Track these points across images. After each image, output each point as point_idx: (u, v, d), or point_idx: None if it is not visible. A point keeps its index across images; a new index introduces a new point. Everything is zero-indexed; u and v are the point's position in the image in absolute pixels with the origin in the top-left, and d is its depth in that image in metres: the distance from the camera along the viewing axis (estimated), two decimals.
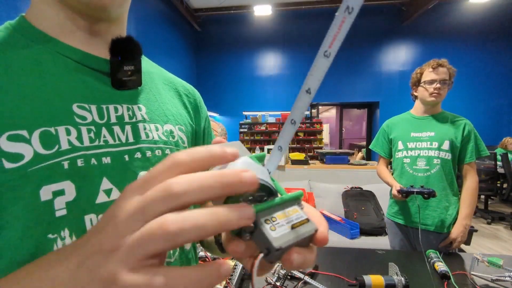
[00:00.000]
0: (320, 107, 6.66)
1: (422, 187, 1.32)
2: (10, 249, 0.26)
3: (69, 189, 0.30)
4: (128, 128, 0.37)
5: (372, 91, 6.53)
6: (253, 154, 0.23)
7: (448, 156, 1.37)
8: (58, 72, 0.33)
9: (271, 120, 5.84)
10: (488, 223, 3.78)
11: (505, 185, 3.97)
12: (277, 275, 0.92)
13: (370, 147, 1.72)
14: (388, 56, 6.43)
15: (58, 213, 0.29)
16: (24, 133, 0.28)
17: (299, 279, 0.93)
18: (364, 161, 3.52)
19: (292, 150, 5.18)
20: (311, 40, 6.64)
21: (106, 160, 0.34)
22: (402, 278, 0.85)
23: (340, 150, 4.21)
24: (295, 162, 3.46)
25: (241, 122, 5.96)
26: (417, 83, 1.45)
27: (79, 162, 0.31)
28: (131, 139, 0.37)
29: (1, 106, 0.28)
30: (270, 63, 6.88)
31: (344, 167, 3.29)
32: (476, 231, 2.38)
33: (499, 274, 0.92)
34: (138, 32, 4.31)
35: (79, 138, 0.32)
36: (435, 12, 5.97)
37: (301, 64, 6.73)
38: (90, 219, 0.31)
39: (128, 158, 0.36)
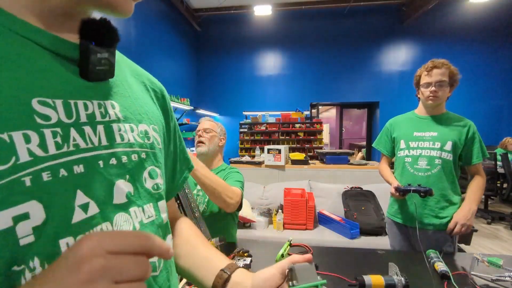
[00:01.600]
0: (320, 107, 6.65)
1: (419, 185, 1.33)
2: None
3: (35, 210, 0.24)
4: (100, 128, 0.31)
5: (372, 91, 6.52)
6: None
7: (450, 156, 1.37)
8: (11, 57, 0.25)
9: (271, 120, 5.84)
10: (488, 223, 3.77)
11: (505, 185, 3.97)
12: None
13: (373, 145, 1.72)
14: (388, 56, 6.43)
15: (23, 241, 0.23)
16: None
17: None
18: (364, 161, 3.52)
19: (292, 150, 5.18)
20: (311, 40, 6.64)
21: (79, 169, 0.28)
22: (402, 278, 0.85)
23: (340, 150, 4.21)
24: (295, 162, 3.46)
25: (241, 122, 5.96)
26: (418, 85, 1.46)
27: (45, 176, 0.25)
28: (104, 142, 0.31)
29: None
30: (270, 63, 6.88)
31: (344, 167, 3.29)
32: (476, 231, 2.39)
33: (499, 274, 0.92)
34: (138, 32, 4.30)
35: (42, 145, 0.25)
36: (435, 12, 5.96)
37: (301, 64, 6.73)
38: (67, 243, 0.26)
39: (102, 164, 0.30)
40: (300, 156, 3.53)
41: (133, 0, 0.32)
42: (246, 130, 5.79)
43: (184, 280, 0.90)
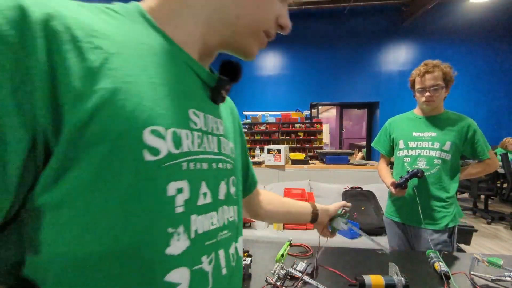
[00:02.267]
0: (320, 107, 6.66)
1: (408, 172, 1.38)
2: (132, 243, 0.27)
3: (186, 188, 0.32)
4: (215, 139, 0.40)
5: (372, 91, 6.53)
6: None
7: (449, 157, 1.37)
8: (185, 81, 0.36)
9: (271, 120, 5.84)
10: (488, 223, 3.78)
11: (505, 185, 3.97)
12: (277, 275, 0.91)
13: (372, 144, 1.73)
14: (388, 56, 6.43)
15: (177, 210, 0.31)
16: (162, 130, 0.30)
17: (299, 279, 0.93)
18: (364, 161, 3.52)
19: (292, 150, 5.18)
20: (311, 40, 6.64)
21: (205, 166, 0.36)
22: (402, 278, 0.85)
23: (340, 150, 4.21)
24: (295, 162, 3.46)
25: (241, 122, 5.96)
26: (413, 87, 1.46)
27: (191, 165, 0.33)
28: (215, 150, 0.40)
29: (146, 100, 0.29)
30: (270, 63, 6.88)
31: (344, 167, 3.29)
32: (476, 231, 2.39)
33: (499, 274, 0.92)
34: None
35: (193, 142, 0.34)
36: (435, 12, 5.97)
37: (301, 64, 6.73)
38: (194, 219, 0.33)
39: (215, 166, 0.39)
40: (300, 156, 3.53)
41: (259, 48, 0.43)
42: (246, 130, 5.79)
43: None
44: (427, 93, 1.36)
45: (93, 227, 0.26)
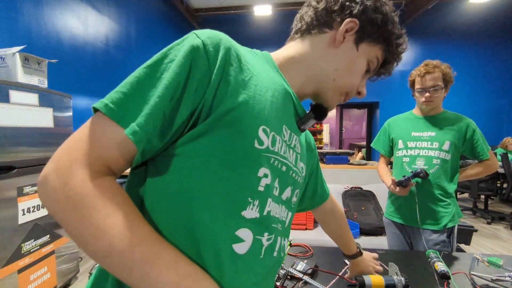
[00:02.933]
0: None
1: (411, 172, 1.36)
2: (225, 194, 0.39)
3: (269, 176, 0.43)
4: (294, 154, 0.52)
5: (372, 91, 6.52)
6: None
7: (448, 156, 1.37)
8: (286, 106, 0.49)
9: None
10: (488, 223, 3.77)
11: (505, 185, 3.97)
12: (277, 275, 0.91)
13: (371, 145, 1.73)
14: None
15: (259, 188, 0.42)
16: (268, 130, 0.42)
17: (299, 279, 0.93)
18: (364, 161, 3.52)
19: None
20: None
21: (283, 168, 0.48)
22: (402, 278, 0.85)
23: (340, 150, 4.21)
24: None
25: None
26: (412, 87, 1.45)
27: (276, 162, 0.45)
28: (292, 161, 0.51)
29: (266, 109, 0.43)
30: None
31: (344, 167, 3.29)
32: (476, 231, 2.39)
33: (499, 274, 0.92)
34: (138, 31, 4.30)
35: (280, 148, 0.46)
36: (435, 12, 5.96)
37: None
38: (270, 202, 0.44)
39: (290, 173, 0.51)
40: None
41: (337, 103, 0.56)
42: None
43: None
44: (427, 94, 1.36)
45: (205, 173, 0.38)
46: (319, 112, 0.55)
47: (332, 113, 9.68)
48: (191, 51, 0.37)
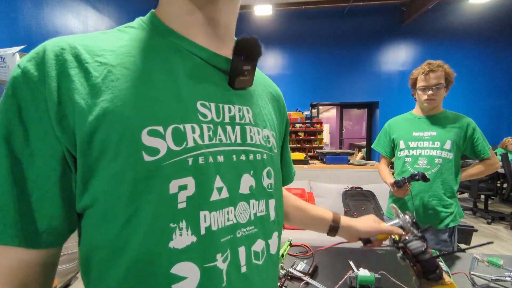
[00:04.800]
0: (320, 107, 6.65)
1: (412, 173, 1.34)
2: (139, 235, 0.30)
3: (190, 184, 0.32)
4: (237, 129, 0.38)
5: (372, 91, 6.52)
6: None
7: (450, 155, 1.37)
8: (185, 69, 0.35)
9: None
10: (488, 223, 3.77)
11: (505, 185, 3.97)
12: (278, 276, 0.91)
13: (372, 146, 1.73)
14: (388, 56, 6.43)
15: (180, 206, 0.31)
16: (160, 129, 0.31)
17: (299, 279, 0.93)
18: (364, 161, 3.52)
19: (292, 150, 5.18)
20: (311, 40, 6.64)
21: (220, 158, 0.35)
22: (407, 217, 0.72)
23: (340, 150, 4.21)
24: (295, 162, 3.46)
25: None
26: (414, 86, 1.46)
27: (200, 160, 0.33)
28: (238, 140, 0.38)
29: (142, 101, 0.31)
30: (270, 63, 6.88)
31: (344, 167, 3.29)
32: (476, 231, 2.38)
33: (499, 274, 0.92)
34: None
35: (201, 136, 0.34)
36: (435, 12, 5.96)
37: (301, 64, 6.73)
38: (204, 215, 0.33)
39: (235, 158, 0.37)
40: (300, 156, 3.53)
41: None
42: None
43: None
44: (430, 92, 1.37)
45: (109, 222, 0.30)
46: (244, 46, 0.38)
47: (332, 113, 9.69)
48: (12, 88, 0.29)
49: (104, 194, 0.29)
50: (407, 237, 0.66)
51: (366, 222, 0.69)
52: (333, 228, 0.67)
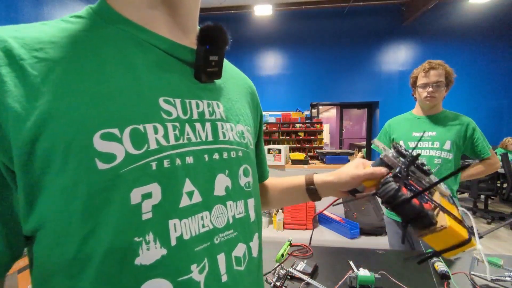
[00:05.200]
0: (320, 107, 6.65)
1: None
2: (99, 254, 0.26)
3: (156, 191, 0.28)
4: (208, 125, 0.35)
5: (372, 91, 6.52)
6: None
7: (450, 156, 1.37)
8: (145, 62, 0.31)
9: (271, 120, 5.84)
10: (488, 223, 3.77)
11: (505, 185, 3.97)
12: (277, 275, 0.92)
13: (372, 146, 1.73)
14: (388, 56, 6.43)
15: (145, 216, 0.27)
16: (116, 131, 0.27)
17: (299, 279, 0.93)
18: None
19: (292, 150, 5.18)
20: (311, 40, 6.64)
21: (189, 159, 0.32)
22: (391, 150, 0.57)
23: (340, 150, 4.21)
24: (295, 162, 3.46)
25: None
26: (414, 85, 1.47)
27: (166, 163, 0.29)
28: (210, 138, 0.35)
29: (92, 101, 0.26)
30: (270, 63, 6.88)
31: None
32: None
33: (499, 274, 0.92)
34: None
35: (166, 136, 0.30)
36: (435, 12, 5.96)
37: (301, 64, 6.73)
38: (174, 224, 0.29)
39: (207, 158, 0.34)
40: (300, 156, 3.53)
41: None
42: None
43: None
44: (430, 89, 1.37)
45: (63, 244, 0.26)
46: (209, 35, 0.35)
47: (332, 113, 9.69)
48: None
49: (54, 213, 0.25)
50: (383, 180, 0.48)
51: (345, 172, 0.54)
52: (311, 191, 0.57)
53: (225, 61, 0.45)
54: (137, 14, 0.32)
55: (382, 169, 0.52)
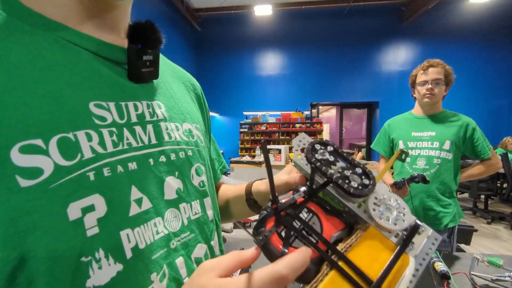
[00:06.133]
0: (320, 107, 6.65)
1: (411, 175, 1.31)
2: (40, 285, 0.22)
3: (99, 203, 0.26)
4: (150, 127, 0.33)
5: (371, 91, 6.52)
6: None
7: (449, 156, 1.37)
8: (69, 64, 0.28)
9: (271, 120, 5.84)
10: (488, 223, 3.77)
11: (505, 185, 3.97)
12: None
13: (371, 146, 1.73)
14: (388, 56, 6.43)
15: (90, 232, 0.25)
16: (39, 142, 0.23)
17: None
18: (364, 161, 3.52)
19: (292, 150, 5.17)
20: (311, 40, 6.64)
21: (132, 166, 0.30)
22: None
23: None
24: None
25: (241, 122, 5.96)
26: (414, 84, 1.46)
27: (106, 172, 0.27)
28: (154, 141, 0.33)
29: (7, 110, 0.23)
30: (270, 63, 6.88)
31: None
32: (476, 231, 2.38)
33: (499, 274, 0.92)
34: None
35: (102, 143, 0.27)
36: (435, 12, 5.96)
37: (301, 64, 6.73)
38: (127, 235, 0.27)
39: (152, 162, 0.32)
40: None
41: None
42: (246, 130, 5.79)
43: None
44: (429, 86, 1.37)
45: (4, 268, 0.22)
46: (140, 33, 0.33)
47: (332, 113, 9.69)
48: None
49: None
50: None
51: (276, 180, 0.41)
52: (252, 203, 0.48)
53: (164, 59, 0.43)
54: (53, 9, 0.28)
55: (296, 177, 0.38)
